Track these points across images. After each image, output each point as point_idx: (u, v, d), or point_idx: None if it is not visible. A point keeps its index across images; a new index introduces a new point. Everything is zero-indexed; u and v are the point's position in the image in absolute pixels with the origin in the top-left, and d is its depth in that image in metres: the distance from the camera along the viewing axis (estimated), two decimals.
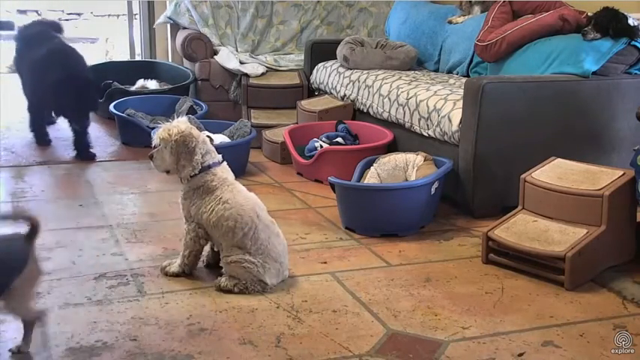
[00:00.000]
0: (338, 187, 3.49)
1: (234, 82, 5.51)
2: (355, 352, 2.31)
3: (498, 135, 3.61)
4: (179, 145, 2.73)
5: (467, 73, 4.69)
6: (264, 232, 2.75)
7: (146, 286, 2.77)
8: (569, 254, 2.78)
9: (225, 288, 2.71)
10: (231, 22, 5.87)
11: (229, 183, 2.81)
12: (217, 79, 5.53)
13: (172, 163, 2.77)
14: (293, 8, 6.00)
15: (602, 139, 3.81)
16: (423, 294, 2.75)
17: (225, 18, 5.86)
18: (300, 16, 6.01)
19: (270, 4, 5.94)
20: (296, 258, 3.05)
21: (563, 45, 3.91)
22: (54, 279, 2.80)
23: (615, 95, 3.79)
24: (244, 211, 2.73)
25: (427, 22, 5.27)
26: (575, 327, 2.51)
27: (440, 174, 3.53)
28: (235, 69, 5.47)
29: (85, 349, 2.28)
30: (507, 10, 4.44)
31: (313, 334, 2.42)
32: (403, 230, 3.40)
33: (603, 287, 2.84)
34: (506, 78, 3.85)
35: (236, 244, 2.72)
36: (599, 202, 2.89)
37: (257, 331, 2.42)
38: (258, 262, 2.71)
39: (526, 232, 2.98)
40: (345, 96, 4.88)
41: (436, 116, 3.85)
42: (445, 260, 3.11)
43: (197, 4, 5.77)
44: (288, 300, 2.67)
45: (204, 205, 2.76)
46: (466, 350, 2.34)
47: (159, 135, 2.76)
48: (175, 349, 2.29)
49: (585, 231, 2.89)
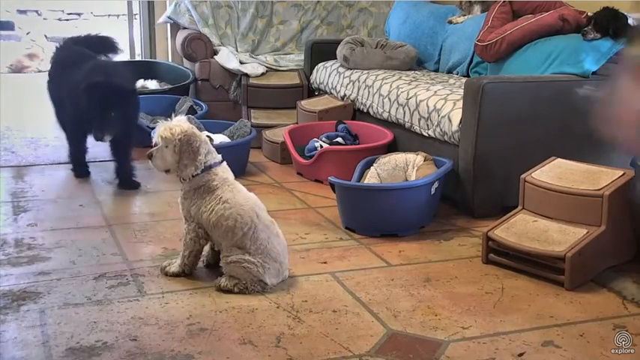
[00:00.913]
0: (338, 187, 3.49)
1: (234, 82, 5.51)
2: (355, 352, 2.31)
3: (498, 135, 3.61)
4: (183, 145, 2.72)
5: (467, 73, 4.69)
6: (263, 232, 2.75)
7: (146, 286, 2.77)
8: (569, 254, 2.78)
9: (225, 288, 2.71)
10: (231, 22, 5.87)
11: (230, 183, 2.81)
12: (217, 79, 5.52)
13: (174, 163, 2.76)
14: (293, 8, 6.00)
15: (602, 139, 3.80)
16: (423, 294, 2.75)
17: (225, 18, 5.86)
18: (300, 16, 6.01)
19: (270, 4, 5.94)
20: (296, 258, 3.05)
21: (563, 45, 3.91)
22: (54, 279, 2.80)
23: None
24: (244, 210, 2.73)
25: (427, 22, 5.27)
26: (575, 327, 2.51)
27: (440, 174, 3.53)
28: (235, 69, 5.47)
29: (85, 349, 2.28)
30: (507, 10, 4.44)
31: (313, 334, 2.42)
32: (403, 230, 3.40)
33: (603, 287, 2.84)
34: (506, 78, 3.85)
35: (236, 244, 2.72)
36: (599, 202, 2.89)
37: (257, 331, 2.42)
38: (258, 262, 2.71)
39: (526, 232, 2.98)
40: (345, 96, 4.88)
41: (436, 116, 3.85)
42: (445, 260, 3.11)
43: (197, 4, 5.77)
44: (288, 300, 2.67)
45: (205, 205, 2.76)
46: (466, 350, 2.34)
47: (160, 133, 2.75)
48: (175, 349, 2.29)
49: (585, 231, 2.89)
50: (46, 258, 3.00)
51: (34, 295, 2.65)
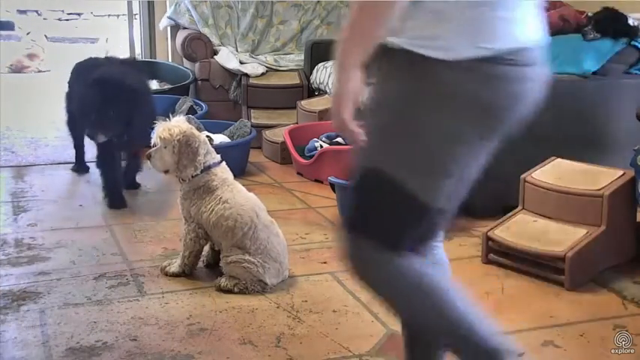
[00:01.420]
0: (338, 187, 3.49)
1: (234, 82, 5.50)
2: (355, 352, 2.31)
3: None
4: (182, 145, 2.72)
5: None
6: (263, 232, 2.75)
7: (146, 286, 2.77)
8: (569, 254, 2.78)
9: (225, 288, 2.71)
10: (231, 22, 5.87)
11: (229, 183, 2.81)
12: (217, 79, 5.52)
13: (173, 164, 2.76)
14: (293, 8, 6.00)
15: (602, 139, 3.81)
16: None
17: (225, 18, 5.85)
18: (300, 16, 6.01)
19: (270, 4, 5.93)
20: (296, 258, 3.05)
21: (563, 45, 3.91)
22: (54, 279, 2.80)
23: (615, 95, 3.79)
24: (244, 210, 2.73)
25: None
26: (575, 327, 2.51)
27: None
28: (235, 69, 5.47)
29: (85, 349, 2.28)
30: None
31: (313, 334, 2.42)
32: None
33: (603, 287, 2.84)
34: None
35: (236, 243, 2.72)
36: (599, 202, 2.89)
37: (257, 331, 2.42)
38: (258, 262, 2.70)
39: (526, 232, 2.98)
40: None
41: None
42: None
43: (197, 4, 5.77)
44: (288, 300, 2.67)
45: (204, 205, 2.76)
46: None
47: (159, 134, 2.75)
48: (175, 349, 2.29)
49: (585, 231, 2.89)
50: (46, 258, 3.00)
51: (34, 295, 2.65)
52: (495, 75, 1.41)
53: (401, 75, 1.45)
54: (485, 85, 1.41)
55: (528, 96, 1.49)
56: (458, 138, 1.45)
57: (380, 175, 1.49)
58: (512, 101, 1.46)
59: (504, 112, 1.48)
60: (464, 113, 1.43)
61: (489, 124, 1.49)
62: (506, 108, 1.47)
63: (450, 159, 1.48)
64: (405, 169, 1.48)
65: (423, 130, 1.45)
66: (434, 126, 1.44)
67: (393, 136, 1.48)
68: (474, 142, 1.49)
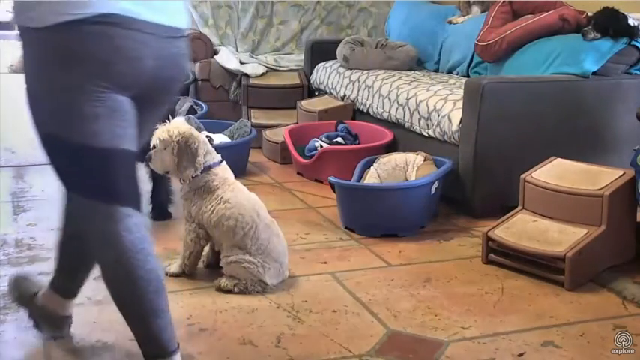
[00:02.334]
0: (338, 187, 3.49)
1: (234, 82, 5.51)
2: (355, 352, 2.31)
3: (498, 135, 3.61)
4: (181, 147, 2.72)
5: (467, 73, 4.69)
6: (264, 231, 2.75)
7: None
8: (569, 254, 2.78)
9: (225, 288, 2.71)
10: (231, 22, 5.87)
11: (230, 183, 2.81)
12: (217, 79, 5.52)
13: (173, 165, 2.76)
14: (293, 8, 6.00)
15: (602, 139, 3.81)
16: (423, 294, 2.75)
17: (225, 18, 5.86)
18: (300, 16, 6.01)
19: (270, 4, 5.93)
20: (296, 258, 3.05)
21: (563, 45, 3.91)
22: None
23: (615, 95, 3.79)
24: (245, 210, 2.73)
25: (427, 22, 5.27)
26: (575, 327, 2.51)
27: (440, 174, 3.53)
28: (235, 69, 5.47)
29: (85, 349, 2.28)
30: (507, 10, 4.44)
31: (313, 334, 2.42)
32: (403, 230, 3.40)
33: (603, 287, 2.84)
34: (506, 78, 3.86)
35: (236, 243, 2.72)
36: (599, 202, 2.89)
37: (257, 331, 2.42)
38: (258, 262, 2.71)
39: (526, 232, 2.98)
40: (345, 96, 4.88)
41: (436, 116, 3.85)
42: (445, 260, 3.11)
43: (197, 4, 5.77)
44: (288, 300, 2.67)
45: (205, 205, 2.76)
46: (466, 350, 2.34)
47: (158, 136, 2.75)
48: None
49: (585, 231, 2.89)
50: (46, 258, 3.00)
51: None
52: (87, 34, 1.70)
53: (25, 46, 1.78)
54: (77, 42, 1.70)
55: (132, 54, 1.74)
56: (76, 88, 1.72)
57: (50, 138, 1.78)
58: (111, 55, 1.72)
59: (110, 65, 1.73)
60: (67, 66, 1.71)
61: (99, 73, 1.73)
62: (108, 60, 1.72)
63: (83, 105, 1.73)
64: (59, 125, 1.75)
65: (51, 87, 1.74)
66: (55, 81, 1.73)
67: (39, 99, 1.77)
68: (93, 88, 1.73)
